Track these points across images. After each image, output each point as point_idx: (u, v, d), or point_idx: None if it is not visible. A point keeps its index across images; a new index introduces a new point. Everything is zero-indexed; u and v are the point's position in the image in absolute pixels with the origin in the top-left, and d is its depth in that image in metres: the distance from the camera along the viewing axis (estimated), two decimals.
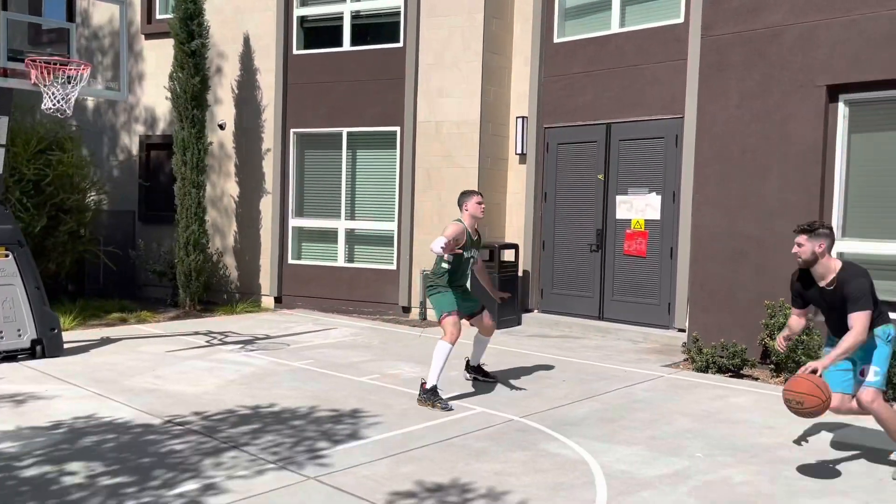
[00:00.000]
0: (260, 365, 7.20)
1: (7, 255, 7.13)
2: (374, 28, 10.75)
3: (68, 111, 6.87)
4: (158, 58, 11.82)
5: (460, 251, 5.94)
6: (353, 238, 10.93)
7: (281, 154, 11.09)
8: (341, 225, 10.86)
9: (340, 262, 10.86)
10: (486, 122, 9.95)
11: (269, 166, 11.18)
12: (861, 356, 4.42)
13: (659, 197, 8.97)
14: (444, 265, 6.02)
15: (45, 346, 7.26)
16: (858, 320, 4.24)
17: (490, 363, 7.48)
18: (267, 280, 11.25)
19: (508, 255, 9.89)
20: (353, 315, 10.45)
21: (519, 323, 9.82)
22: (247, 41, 11.32)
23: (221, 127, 11.50)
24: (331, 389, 6.27)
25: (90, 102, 12.57)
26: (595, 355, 7.95)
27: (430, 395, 5.81)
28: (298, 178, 11.20)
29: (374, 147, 10.72)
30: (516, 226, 10.33)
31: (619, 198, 9.30)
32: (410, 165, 10.26)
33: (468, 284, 6.50)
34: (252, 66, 11.30)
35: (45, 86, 6.69)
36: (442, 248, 5.59)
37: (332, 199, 10.96)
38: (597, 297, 9.51)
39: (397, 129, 10.39)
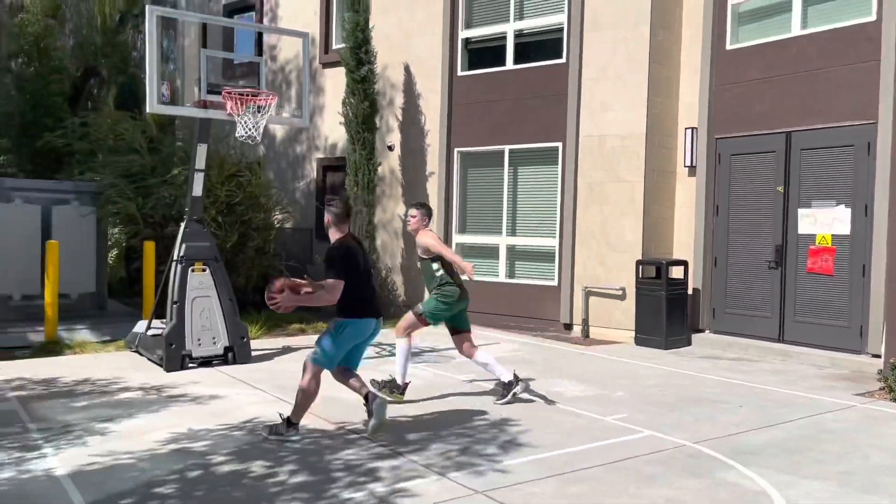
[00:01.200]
0: (427, 377, 7.41)
1: (205, 270, 7.87)
2: (536, 45, 10.81)
3: (258, 138, 7.50)
4: (334, 85, 12.60)
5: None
6: (514, 254, 10.99)
7: (445, 173, 11.40)
8: (502, 241, 10.96)
9: (501, 277, 10.96)
10: (653, 135, 9.66)
11: (433, 185, 11.54)
12: None
13: (849, 210, 8.25)
14: (440, 272, 6.32)
15: (236, 353, 7.92)
16: None
17: (657, 384, 7.22)
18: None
19: (677, 272, 9.50)
20: (514, 331, 10.49)
21: (689, 343, 9.39)
22: (413, 65, 11.79)
23: (390, 148, 12.04)
24: (498, 405, 6.32)
25: (276, 130, 13.63)
26: (775, 380, 7.42)
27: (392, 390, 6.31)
28: (462, 196, 11.45)
29: (536, 163, 10.74)
30: (685, 241, 9.91)
31: (801, 211, 8.66)
32: (572, 181, 10.17)
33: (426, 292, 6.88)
34: (418, 88, 11.74)
35: (238, 116, 7.35)
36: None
37: (493, 215, 11.10)
38: (776, 318, 8.88)
39: (559, 144, 10.35)
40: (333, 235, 5.40)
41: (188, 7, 15.17)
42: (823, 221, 8.46)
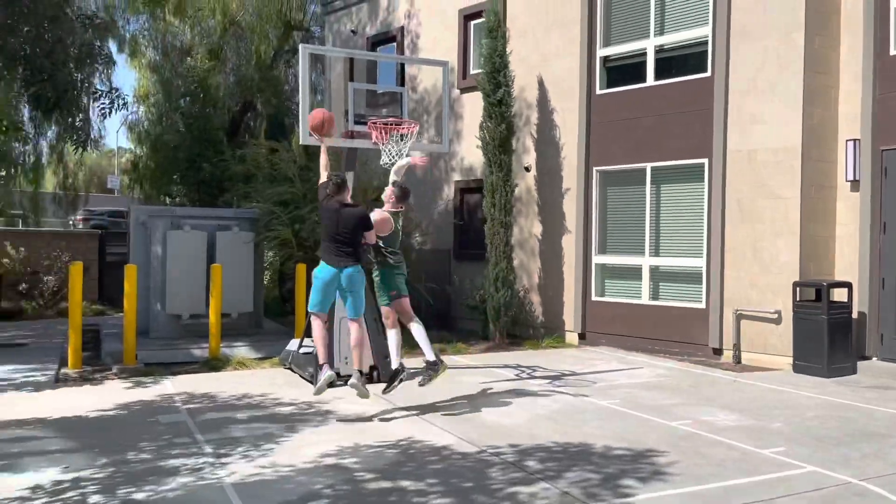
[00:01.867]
0: (568, 401, 7.32)
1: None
2: (678, 60, 10.49)
3: None
4: (471, 110, 12.84)
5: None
6: (657, 275, 10.64)
7: (584, 192, 11.27)
8: (645, 262, 10.65)
9: (644, 299, 10.63)
10: (809, 148, 9.07)
11: (570, 205, 11.43)
12: None
13: None
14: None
15: (381, 371, 8.18)
16: None
17: (819, 415, 6.72)
18: (570, 316, 11.43)
19: (840, 295, 8.83)
20: (659, 355, 10.13)
21: (853, 371, 8.67)
22: (550, 86, 11.79)
23: (527, 169, 12.08)
24: (641, 432, 6.13)
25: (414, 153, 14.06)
26: None
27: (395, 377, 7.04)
28: (602, 216, 11.26)
29: (680, 180, 10.38)
30: (848, 261, 9.20)
31: None
32: (720, 197, 9.73)
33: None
34: (555, 109, 11.72)
35: (382, 144, 7.67)
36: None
37: (635, 235, 10.82)
38: None
39: (705, 160, 9.95)
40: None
41: (334, 42, 16.04)
42: None
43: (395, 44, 14.76)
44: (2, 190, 20.28)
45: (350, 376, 6.87)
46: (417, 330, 7.15)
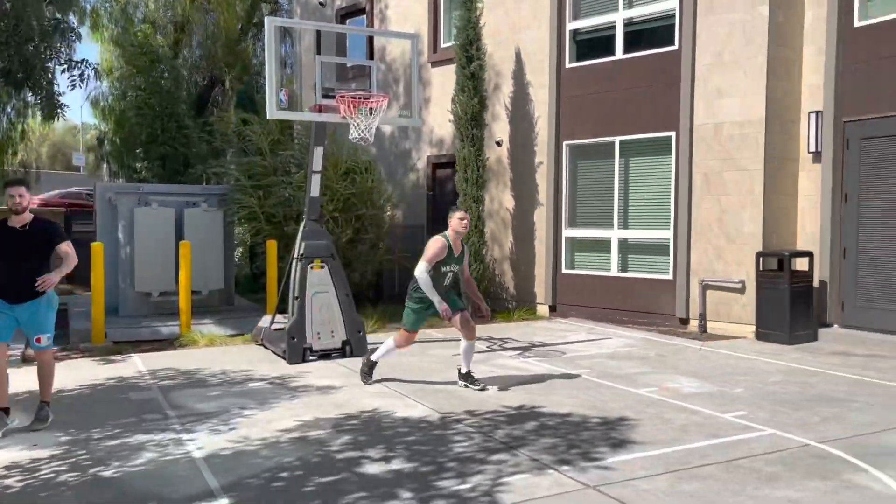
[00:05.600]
0: (538, 371, 7.44)
1: (323, 267, 8.23)
2: (647, 33, 10.54)
3: (370, 139, 7.76)
4: (443, 82, 12.80)
5: (441, 267, 6.44)
6: (626, 247, 10.79)
7: (554, 166, 11.34)
8: (614, 234, 10.78)
9: (613, 271, 10.78)
10: (773, 121, 9.21)
11: (542, 179, 11.50)
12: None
13: None
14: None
15: (353, 346, 8.24)
16: None
17: (780, 381, 6.92)
18: (542, 289, 11.56)
19: (801, 264, 9.04)
20: (627, 325, 10.30)
21: (814, 339, 8.91)
22: (521, 59, 11.79)
23: (498, 144, 12.10)
24: (608, 400, 6.27)
25: (386, 129, 14.01)
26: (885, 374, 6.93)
27: (366, 369, 6.91)
28: (571, 189, 11.35)
29: (648, 154, 10.49)
30: (810, 232, 9.41)
31: None
32: (687, 171, 9.86)
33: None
34: (526, 82, 11.73)
35: (351, 118, 7.63)
36: (426, 273, 6.34)
37: (604, 208, 10.93)
38: None
39: (672, 133, 10.06)
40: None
41: (302, 14, 15.82)
42: None
43: (364, 16, 14.61)
44: None
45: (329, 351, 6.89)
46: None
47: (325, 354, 8.13)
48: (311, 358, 8.03)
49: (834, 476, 4.43)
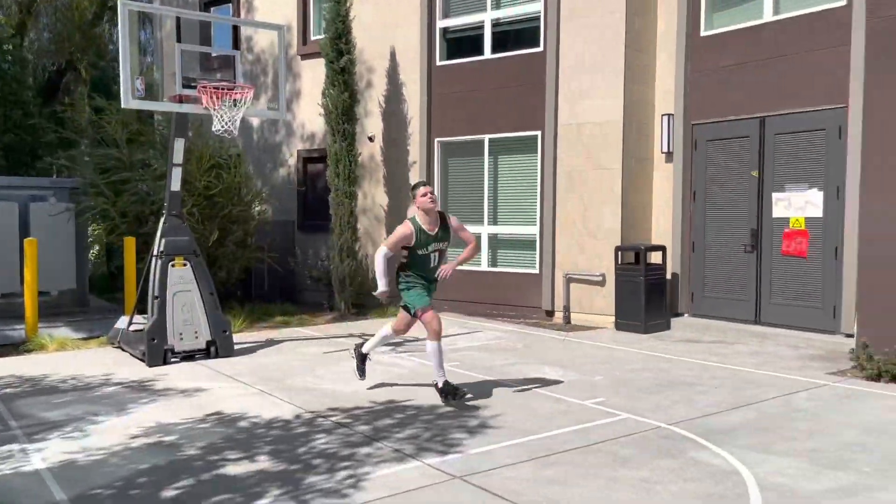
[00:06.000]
0: (409, 366, 7.48)
1: (185, 265, 7.88)
2: (514, 34, 10.84)
3: (234, 132, 7.50)
4: (313, 76, 12.57)
5: (417, 251, 6.05)
6: (496, 243, 11.06)
7: (426, 163, 11.43)
8: (484, 230, 11.03)
9: (484, 266, 11.03)
10: (630, 122, 9.74)
11: (415, 175, 11.57)
12: None
13: (821, 193, 8.37)
14: (404, 261, 6.18)
15: (218, 346, 7.94)
16: None
17: (636, 368, 7.33)
18: None
19: (655, 258, 9.62)
20: (498, 319, 10.57)
21: (668, 327, 9.51)
22: (392, 55, 11.79)
23: (371, 139, 12.05)
24: (478, 391, 6.40)
25: (255, 121, 13.59)
26: (751, 361, 7.55)
27: (443, 394, 5.94)
28: (443, 186, 11.49)
29: (516, 152, 10.80)
30: (664, 227, 10.02)
31: (775, 195, 8.77)
32: (552, 169, 10.24)
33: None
34: (398, 79, 11.75)
35: (214, 110, 7.34)
36: (384, 257, 5.96)
37: (475, 204, 11.15)
38: (752, 301, 9.02)
39: (538, 133, 10.41)
40: None
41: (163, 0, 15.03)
42: (797, 205, 8.58)
43: (230, 4, 14.10)
44: None
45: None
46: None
47: (189, 356, 7.79)
48: (172, 360, 7.68)
49: (680, 455, 4.75)
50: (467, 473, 4.41)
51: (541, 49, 10.36)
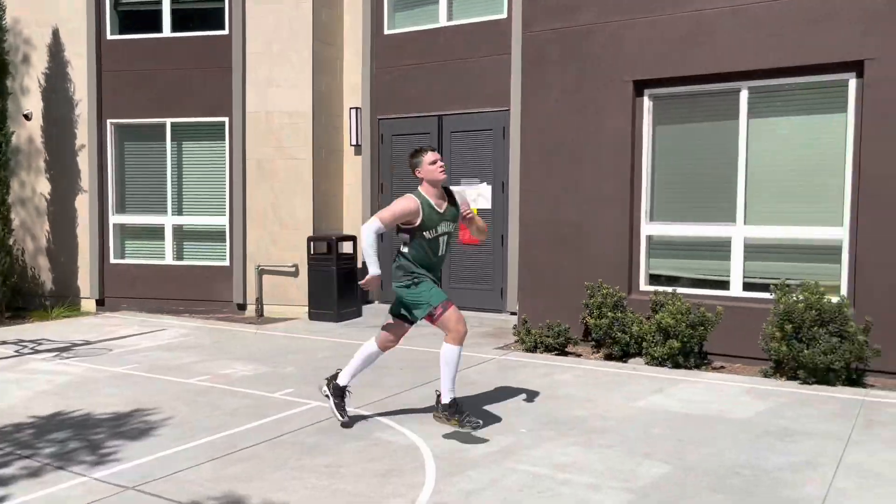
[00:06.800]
0: (76, 373, 6.70)
1: None
2: (198, 13, 10.26)
3: None
4: None
5: (424, 232, 4.86)
6: (181, 234, 10.41)
7: (98, 146, 10.32)
8: (168, 221, 10.31)
9: (168, 259, 10.32)
10: (320, 114, 9.82)
11: (84, 160, 10.38)
12: None
13: (490, 187, 9.28)
14: (405, 250, 4.95)
15: None
16: None
17: (327, 356, 7.43)
18: (86, 282, 10.46)
19: (347, 247, 9.84)
20: (185, 315, 9.98)
21: (360, 315, 9.82)
22: (53, 24, 10.41)
23: (27, 117, 10.52)
24: (155, 393, 5.95)
25: None
26: (433, 342, 8.09)
27: (450, 411, 4.79)
28: (119, 173, 10.49)
29: (202, 138, 10.26)
30: (353, 217, 10.31)
31: (453, 189, 9.49)
32: (241, 157, 9.92)
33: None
34: (61, 51, 10.42)
35: None
36: (375, 232, 4.69)
37: (157, 193, 10.37)
38: None
39: (226, 119, 10.00)
40: None
41: None
42: (471, 197, 9.41)
43: None
44: None
45: None
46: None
47: None
48: None
49: (366, 436, 4.91)
50: (141, 482, 4.07)
51: (226, 32, 9.95)
